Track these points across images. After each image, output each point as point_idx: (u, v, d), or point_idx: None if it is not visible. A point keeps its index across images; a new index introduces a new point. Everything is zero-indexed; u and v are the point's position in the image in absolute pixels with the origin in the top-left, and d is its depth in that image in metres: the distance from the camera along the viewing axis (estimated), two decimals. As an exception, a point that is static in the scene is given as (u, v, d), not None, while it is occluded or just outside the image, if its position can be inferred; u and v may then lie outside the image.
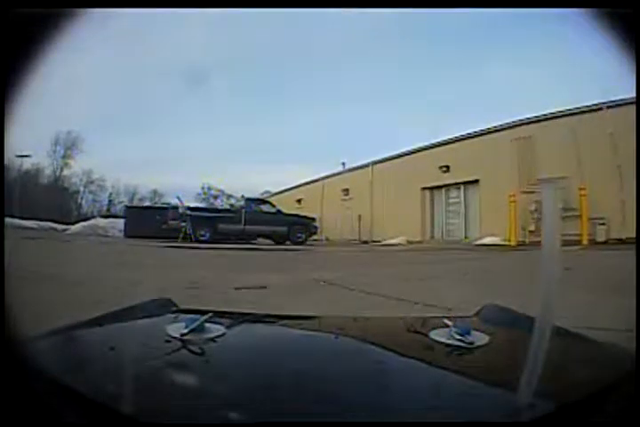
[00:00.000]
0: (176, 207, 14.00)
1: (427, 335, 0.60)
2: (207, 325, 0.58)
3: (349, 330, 0.76)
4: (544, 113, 11.27)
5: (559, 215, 0.38)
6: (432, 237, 14.66)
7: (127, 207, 18.70)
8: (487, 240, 11.03)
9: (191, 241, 12.44)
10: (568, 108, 10.64)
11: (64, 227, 19.64)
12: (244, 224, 13.60)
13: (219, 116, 56.83)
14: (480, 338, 0.57)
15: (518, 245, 10.11)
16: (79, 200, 38.40)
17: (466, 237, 13.07)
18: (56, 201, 32.63)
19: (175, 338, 0.54)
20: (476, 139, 13.38)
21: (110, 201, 38.03)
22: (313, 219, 15.01)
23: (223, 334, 0.58)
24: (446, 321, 0.63)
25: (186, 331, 0.55)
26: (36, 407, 0.37)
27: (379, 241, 15.10)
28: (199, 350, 0.54)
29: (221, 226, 13.40)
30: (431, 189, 15.00)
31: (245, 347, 0.60)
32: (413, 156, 15.98)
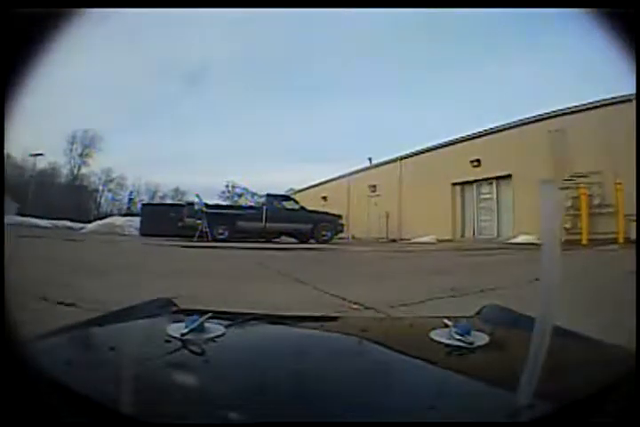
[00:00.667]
0: (192, 204, 13.01)
1: (427, 335, 0.60)
2: (207, 325, 0.58)
3: (349, 330, 0.76)
4: (575, 104, 10.68)
5: (559, 215, 0.38)
6: (462, 235, 13.79)
7: (143, 205, 18.21)
8: (521, 239, 10.11)
9: (208, 240, 11.57)
10: (597, 99, 10.07)
11: (81, 225, 19.31)
12: (265, 222, 12.67)
13: (242, 114, 56.70)
14: (480, 338, 0.57)
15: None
16: (98, 199, 38.44)
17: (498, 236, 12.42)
18: (74, 200, 32.67)
19: (175, 338, 0.55)
20: (507, 132, 12.56)
21: (131, 199, 37.94)
22: (339, 216, 13.87)
23: (223, 334, 0.58)
24: (446, 321, 0.63)
25: (186, 331, 0.55)
26: (36, 407, 0.37)
27: (407, 239, 14.33)
28: (199, 350, 0.54)
29: (241, 224, 12.52)
30: (462, 184, 14.05)
31: (245, 347, 0.60)
32: (443, 150, 15.02)
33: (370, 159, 19.66)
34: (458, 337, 0.56)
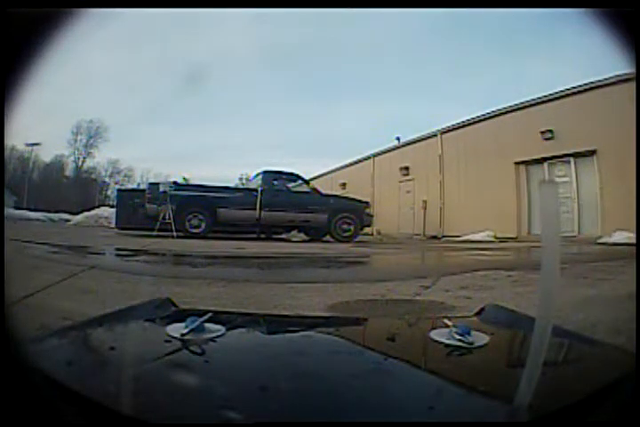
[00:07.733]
0: (156, 184, 9.13)
1: (427, 335, 0.60)
2: (207, 325, 0.58)
3: (350, 330, 0.76)
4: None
5: (559, 215, 0.38)
6: (529, 231, 10.49)
7: (119, 191, 12.66)
8: (618, 237, 7.47)
9: (174, 237, 8.04)
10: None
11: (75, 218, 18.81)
12: (260, 209, 9.00)
13: (258, 108, 57.92)
14: (480, 338, 0.57)
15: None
16: (103, 191, 38.50)
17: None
18: (82, 192, 32.65)
19: (175, 338, 0.55)
20: (589, 93, 9.28)
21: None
22: (366, 203, 10.17)
23: (223, 334, 0.58)
24: (446, 321, 0.63)
25: (186, 331, 0.55)
26: (36, 407, 0.37)
27: (453, 236, 11.40)
28: (199, 350, 0.54)
29: (224, 212, 8.84)
30: (527, 163, 10.79)
31: (245, 347, 0.60)
32: (500, 118, 11.54)
33: (398, 139, 16.19)
34: (458, 337, 0.56)
